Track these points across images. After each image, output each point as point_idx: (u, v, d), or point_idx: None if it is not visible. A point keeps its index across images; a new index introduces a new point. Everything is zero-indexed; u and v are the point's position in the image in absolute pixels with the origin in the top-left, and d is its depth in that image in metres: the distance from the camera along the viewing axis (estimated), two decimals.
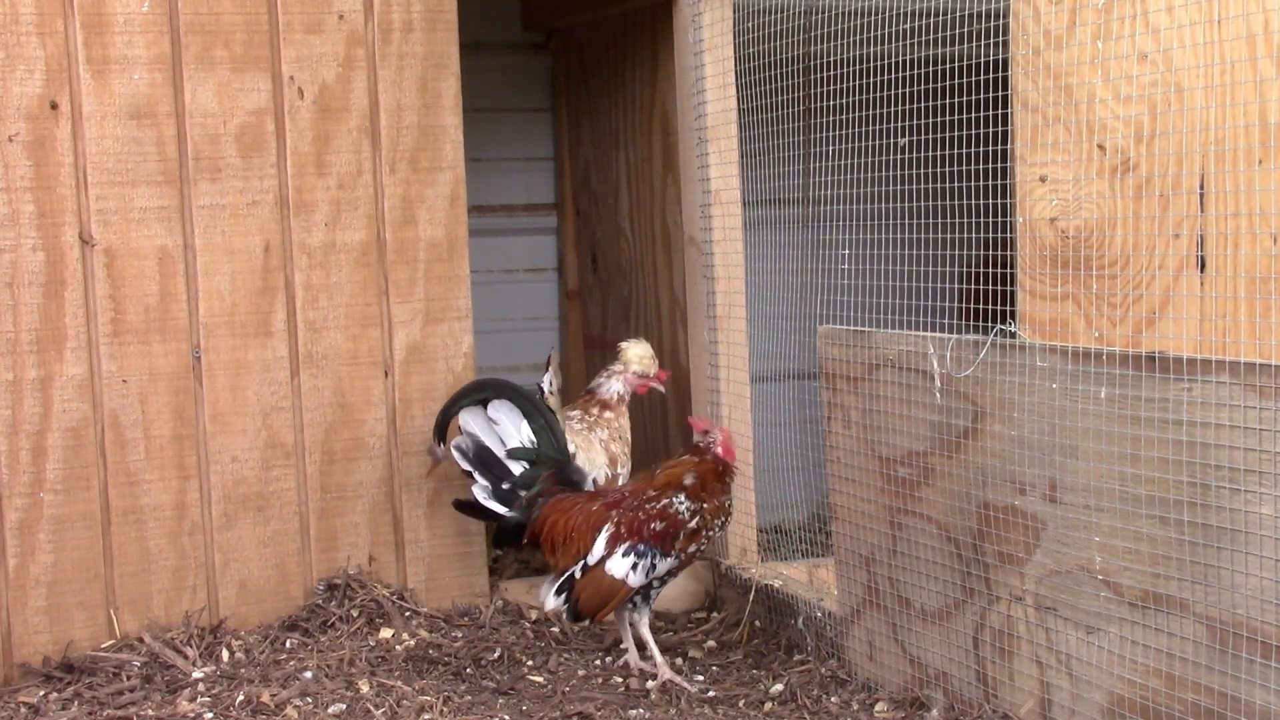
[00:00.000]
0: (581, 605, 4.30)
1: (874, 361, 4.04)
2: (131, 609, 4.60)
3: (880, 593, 4.13)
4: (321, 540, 4.83)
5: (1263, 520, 3.00)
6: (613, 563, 4.29)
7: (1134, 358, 3.28)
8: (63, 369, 4.49)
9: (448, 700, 4.08)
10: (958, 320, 4.23)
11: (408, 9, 4.82)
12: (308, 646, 4.52)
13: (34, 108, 4.43)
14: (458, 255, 4.95)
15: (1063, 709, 3.55)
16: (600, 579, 4.28)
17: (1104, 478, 3.35)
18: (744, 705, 4.15)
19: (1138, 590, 3.30)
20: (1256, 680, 3.05)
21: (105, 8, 4.49)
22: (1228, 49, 4.01)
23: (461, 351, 4.97)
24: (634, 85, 5.98)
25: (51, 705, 4.15)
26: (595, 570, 4.29)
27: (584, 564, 4.30)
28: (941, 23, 4.17)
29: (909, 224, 4.86)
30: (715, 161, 5.06)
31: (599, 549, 4.29)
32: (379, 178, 4.83)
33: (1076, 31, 4.08)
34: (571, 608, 4.30)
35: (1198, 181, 4.07)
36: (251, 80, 4.66)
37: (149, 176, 4.57)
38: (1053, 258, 4.15)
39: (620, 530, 4.31)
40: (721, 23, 4.98)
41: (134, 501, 4.59)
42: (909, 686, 4.05)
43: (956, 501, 3.79)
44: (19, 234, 4.44)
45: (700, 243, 5.15)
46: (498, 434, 4.55)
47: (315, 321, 4.78)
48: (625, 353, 5.11)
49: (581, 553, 4.31)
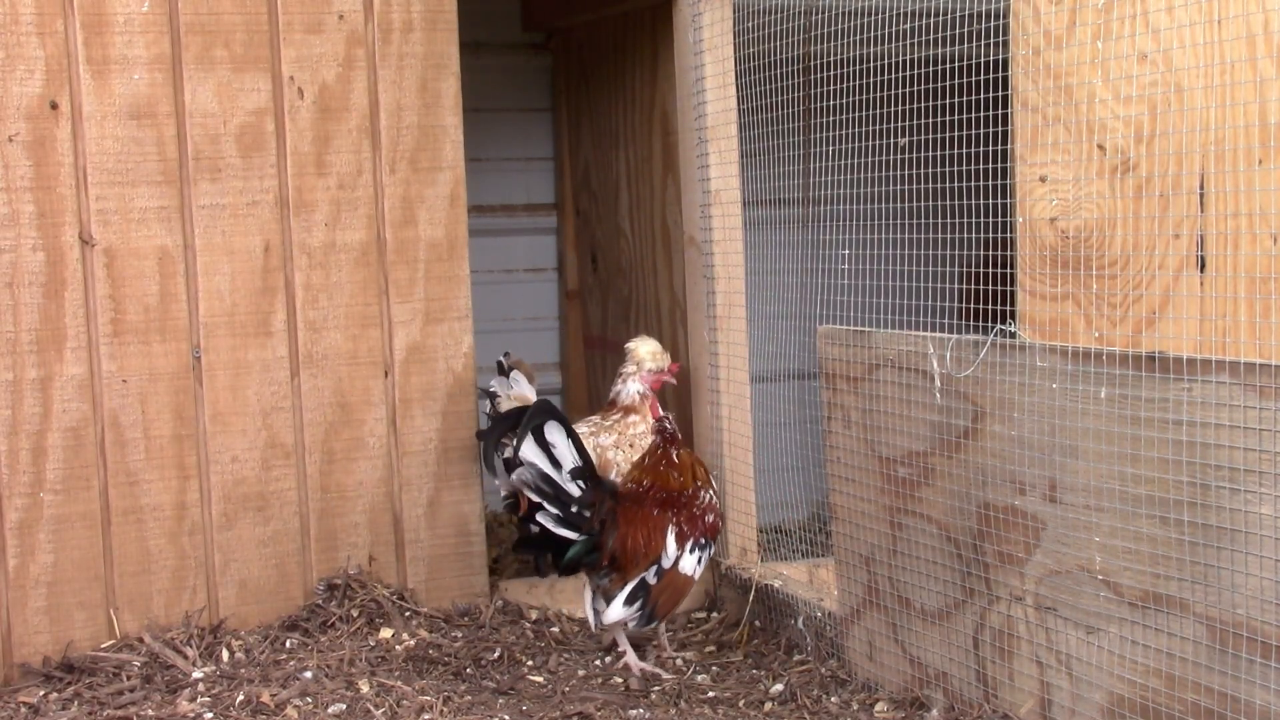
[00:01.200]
0: (660, 609, 4.37)
1: (874, 361, 4.04)
2: (131, 609, 4.60)
3: (880, 593, 4.13)
4: (321, 540, 4.83)
5: (1263, 520, 3.00)
6: (684, 562, 4.41)
7: (1134, 358, 3.28)
8: (63, 369, 4.49)
9: (448, 700, 4.08)
10: (958, 320, 4.23)
11: (408, 9, 4.82)
12: (308, 646, 4.52)
13: (34, 108, 4.43)
14: (458, 255, 4.95)
15: (1063, 709, 3.55)
16: (676, 579, 4.39)
17: (1104, 478, 3.35)
18: (744, 705, 4.15)
19: (1138, 590, 3.30)
20: (1256, 680, 3.05)
21: (105, 8, 4.49)
22: (1228, 49, 4.01)
23: (461, 351, 4.97)
24: (634, 85, 5.98)
25: (51, 705, 4.15)
26: (671, 572, 4.38)
27: (658, 568, 4.36)
28: (941, 23, 4.17)
29: (909, 224, 4.86)
30: (715, 161, 5.06)
31: (671, 550, 4.38)
32: (379, 178, 4.83)
33: (1076, 31, 4.08)
34: (648, 613, 4.34)
35: (1198, 181, 4.07)
36: (251, 80, 4.66)
37: (149, 176, 4.57)
38: (1053, 258, 4.15)
39: (684, 529, 4.43)
40: (721, 23, 4.98)
41: (134, 501, 4.59)
42: (909, 686, 4.05)
43: (956, 501, 3.79)
44: (19, 234, 4.44)
45: (700, 243, 5.15)
46: (555, 457, 4.27)
47: (315, 321, 4.78)
48: (635, 352, 5.08)
49: (652, 558, 4.36)
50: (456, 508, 4.99)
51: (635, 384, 5.06)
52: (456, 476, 4.98)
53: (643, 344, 5.10)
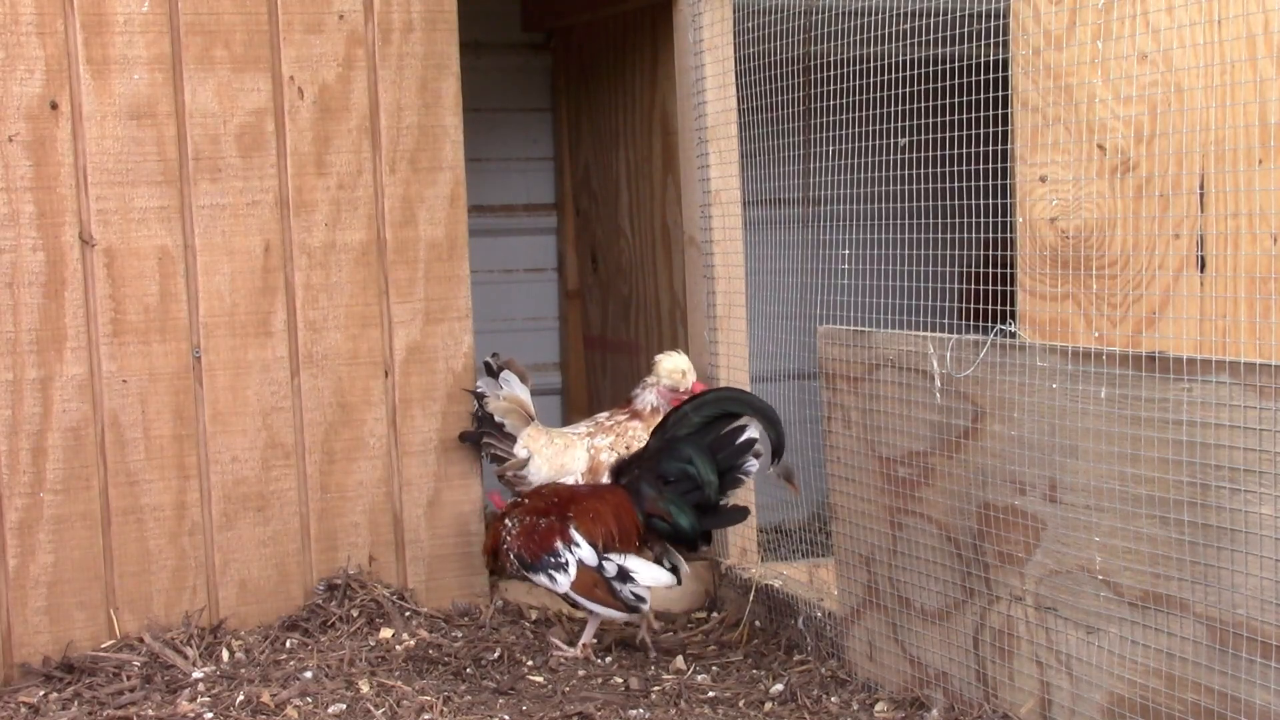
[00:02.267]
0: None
1: (874, 361, 4.04)
2: (131, 609, 4.60)
3: (880, 593, 4.13)
4: (321, 540, 4.83)
5: (1263, 520, 3.00)
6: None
7: (1134, 358, 3.28)
8: (63, 369, 4.49)
9: (448, 700, 4.08)
10: (958, 320, 4.23)
11: (408, 9, 4.82)
12: (308, 646, 4.52)
13: (34, 108, 4.43)
14: (458, 255, 4.95)
15: (1063, 709, 3.55)
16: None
17: (1104, 478, 3.35)
18: (744, 705, 4.15)
19: (1138, 590, 3.30)
20: (1256, 680, 3.05)
21: (105, 8, 4.49)
22: (1228, 49, 4.01)
23: (461, 351, 4.97)
24: (634, 85, 5.98)
25: (51, 705, 4.15)
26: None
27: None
28: (941, 23, 4.17)
29: (909, 224, 4.86)
30: (715, 161, 5.06)
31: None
32: (379, 178, 4.83)
33: (1076, 31, 4.08)
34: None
35: (1198, 181, 4.07)
36: (251, 80, 4.66)
37: (149, 176, 4.57)
38: (1053, 258, 4.15)
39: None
40: (721, 23, 4.98)
41: (134, 501, 4.59)
42: (909, 686, 4.05)
43: (956, 501, 3.79)
44: (19, 234, 4.44)
45: (700, 243, 5.15)
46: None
47: (315, 321, 4.78)
48: (658, 365, 5.02)
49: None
50: (456, 508, 4.99)
51: (651, 394, 5.02)
52: (456, 476, 4.98)
53: (667, 359, 5.02)
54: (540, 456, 4.91)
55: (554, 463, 4.92)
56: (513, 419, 4.92)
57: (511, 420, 4.91)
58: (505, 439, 4.91)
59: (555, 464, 4.92)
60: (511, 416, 4.92)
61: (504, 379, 4.93)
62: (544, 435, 4.97)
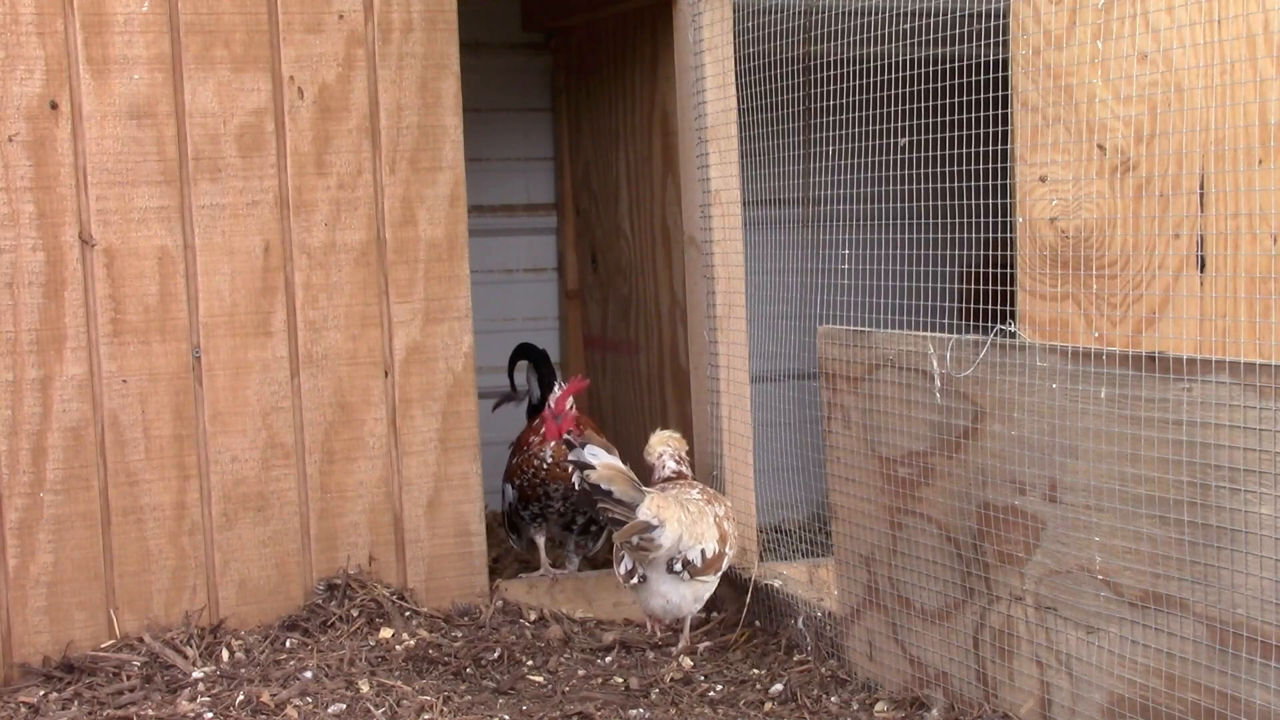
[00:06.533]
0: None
1: (874, 361, 4.04)
2: (131, 609, 4.60)
3: (880, 593, 4.13)
4: (321, 540, 4.83)
5: (1263, 520, 3.00)
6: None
7: (1134, 358, 3.28)
8: (63, 369, 4.49)
9: (448, 700, 4.08)
10: (958, 320, 4.23)
11: (408, 9, 4.82)
12: (308, 646, 4.52)
13: (34, 108, 4.43)
14: (458, 255, 4.95)
15: (1063, 709, 3.55)
16: None
17: (1104, 478, 3.35)
18: (744, 705, 4.15)
19: (1138, 590, 3.31)
20: (1256, 680, 3.05)
21: (105, 8, 4.49)
22: (1228, 49, 4.01)
23: (461, 351, 4.97)
24: (634, 85, 5.98)
25: (51, 705, 4.15)
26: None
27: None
28: (941, 23, 4.17)
29: (909, 224, 4.86)
30: (715, 161, 5.06)
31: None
32: (379, 178, 4.83)
33: (1076, 31, 4.07)
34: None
35: (1198, 181, 4.07)
36: (251, 80, 4.66)
37: (149, 176, 4.57)
38: (1053, 258, 4.15)
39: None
40: (721, 23, 4.98)
41: (134, 501, 4.59)
42: (909, 686, 4.05)
43: (956, 501, 3.79)
44: (19, 234, 4.44)
45: (700, 243, 5.15)
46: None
47: (315, 321, 4.78)
48: (648, 445, 4.99)
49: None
50: (456, 508, 4.99)
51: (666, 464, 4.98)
52: (456, 476, 4.98)
53: (654, 435, 4.98)
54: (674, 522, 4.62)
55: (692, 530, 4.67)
56: (619, 485, 4.71)
57: (619, 487, 4.72)
58: (618, 504, 4.57)
59: (693, 532, 4.67)
60: (618, 483, 4.72)
61: (591, 452, 4.59)
62: (674, 504, 4.67)
